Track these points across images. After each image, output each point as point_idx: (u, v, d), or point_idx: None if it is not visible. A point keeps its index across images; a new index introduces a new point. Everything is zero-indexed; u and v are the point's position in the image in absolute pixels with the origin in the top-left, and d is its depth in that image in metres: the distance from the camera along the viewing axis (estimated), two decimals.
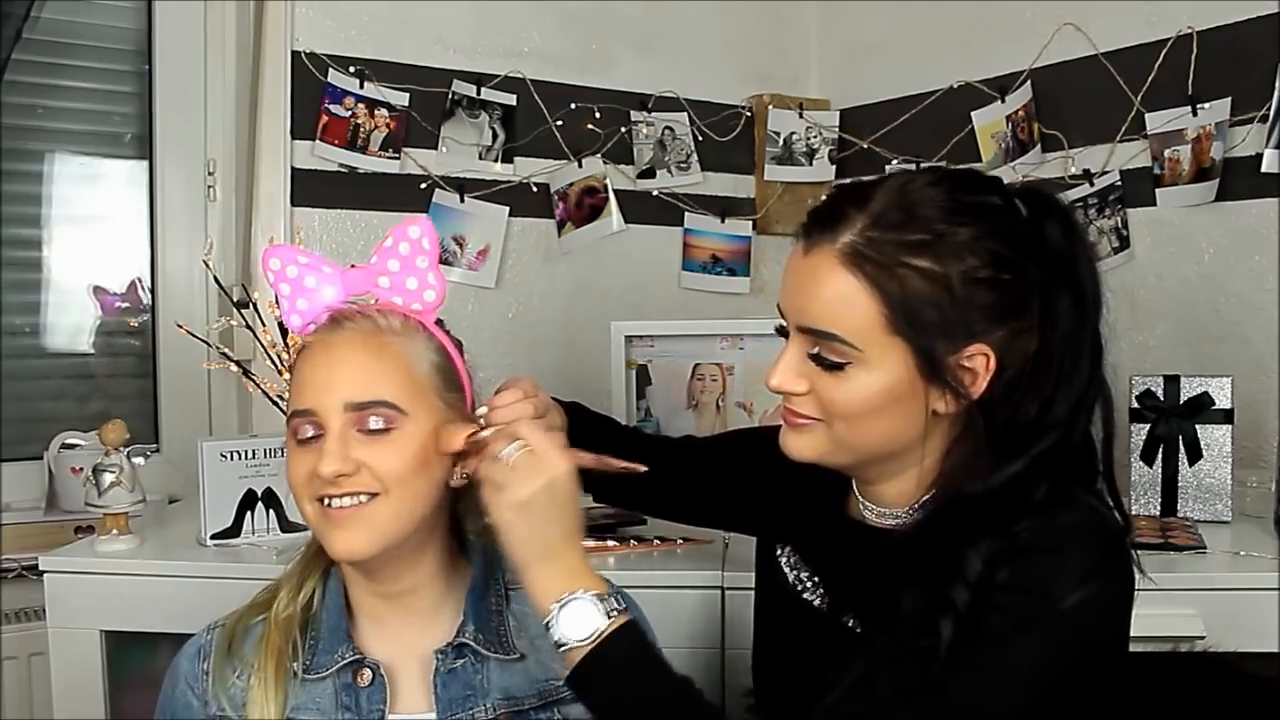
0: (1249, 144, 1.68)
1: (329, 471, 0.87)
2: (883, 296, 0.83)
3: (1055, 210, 0.88)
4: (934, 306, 0.83)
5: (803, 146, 2.31)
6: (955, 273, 0.83)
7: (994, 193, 0.88)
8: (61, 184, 1.95)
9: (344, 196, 1.96)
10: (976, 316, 0.84)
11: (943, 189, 0.86)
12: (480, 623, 0.97)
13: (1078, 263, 0.86)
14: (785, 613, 1.01)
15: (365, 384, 0.90)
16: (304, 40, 1.92)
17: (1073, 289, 0.86)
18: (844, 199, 0.88)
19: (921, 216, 0.84)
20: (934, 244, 0.83)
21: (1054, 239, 0.86)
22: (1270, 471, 1.56)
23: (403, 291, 0.95)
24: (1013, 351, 0.85)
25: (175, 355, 1.95)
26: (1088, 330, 0.86)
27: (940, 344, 0.84)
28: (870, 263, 0.84)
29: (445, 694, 0.94)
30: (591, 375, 1.87)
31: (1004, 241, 0.84)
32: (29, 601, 1.71)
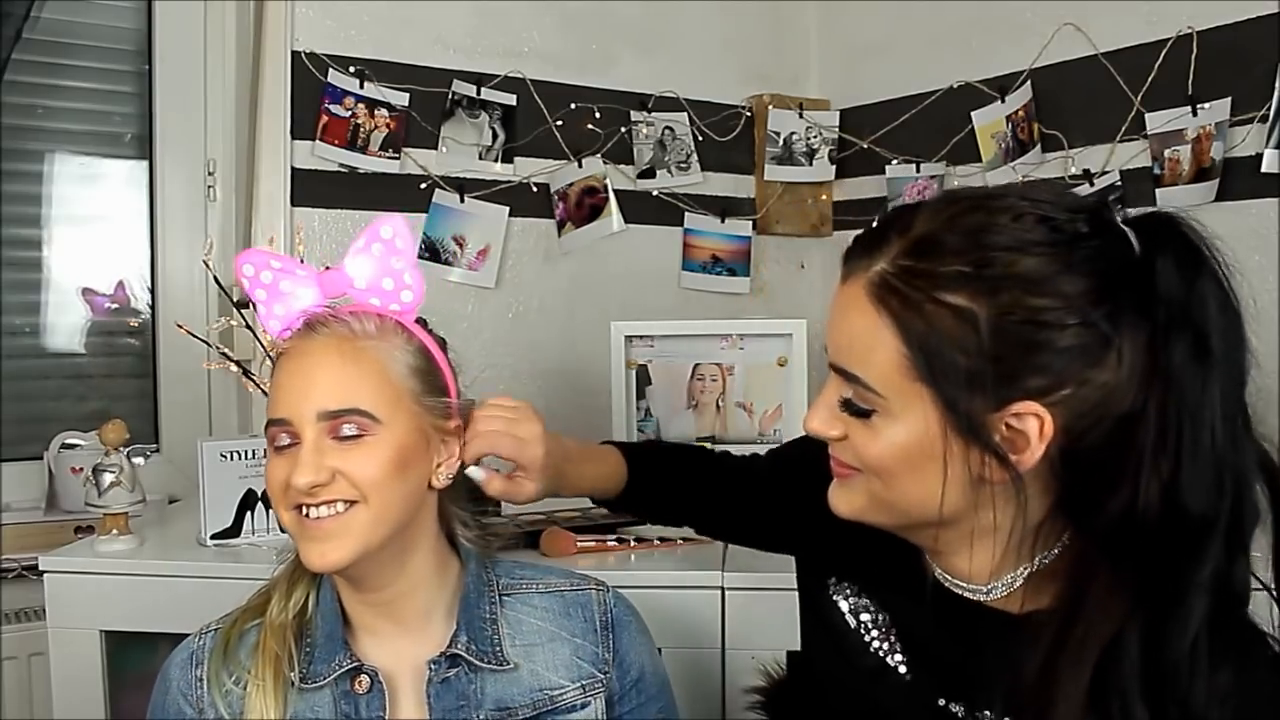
0: (1249, 144, 1.68)
1: (304, 483, 0.86)
2: (905, 336, 0.72)
3: (1174, 242, 0.74)
4: (962, 351, 0.70)
5: (803, 146, 2.31)
6: (992, 312, 0.70)
7: (1081, 216, 0.73)
8: (61, 184, 1.95)
9: (344, 196, 1.96)
10: (1023, 368, 0.70)
11: (1000, 211, 0.73)
12: (473, 633, 0.96)
13: (1202, 305, 0.72)
14: (847, 659, 0.90)
15: (339, 392, 0.89)
16: (304, 40, 1.92)
17: (1190, 337, 0.71)
18: (890, 221, 0.77)
19: (964, 243, 0.72)
20: (972, 277, 0.70)
21: (1167, 277, 0.71)
22: None
23: (379, 292, 0.93)
24: (1088, 417, 0.71)
25: (175, 355, 1.95)
26: (1214, 390, 0.71)
27: (972, 397, 0.71)
28: (897, 296, 0.73)
29: (439, 704, 0.93)
30: (591, 375, 1.88)
31: (1082, 277, 0.70)
32: (29, 601, 1.71)
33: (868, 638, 0.89)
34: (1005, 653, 0.76)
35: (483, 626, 0.96)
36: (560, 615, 1.00)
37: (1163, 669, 0.69)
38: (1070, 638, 0.71)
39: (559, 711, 0.95)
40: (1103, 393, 0.71)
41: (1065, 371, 0.70)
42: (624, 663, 1.01)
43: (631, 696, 1.01)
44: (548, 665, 0.97)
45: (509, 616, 0.98)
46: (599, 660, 0.99)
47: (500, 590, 1.00)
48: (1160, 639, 0.69)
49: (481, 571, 1.00)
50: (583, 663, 0.98)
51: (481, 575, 1.00)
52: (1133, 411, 0.71)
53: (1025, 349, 0.70)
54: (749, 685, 1.08)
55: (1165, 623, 0.69)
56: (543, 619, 1.00)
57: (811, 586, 0.98)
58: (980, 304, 0.70)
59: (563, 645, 0.99)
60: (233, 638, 0.95)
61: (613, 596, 1.03)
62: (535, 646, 0.97)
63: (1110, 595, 0.71)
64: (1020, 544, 0.77)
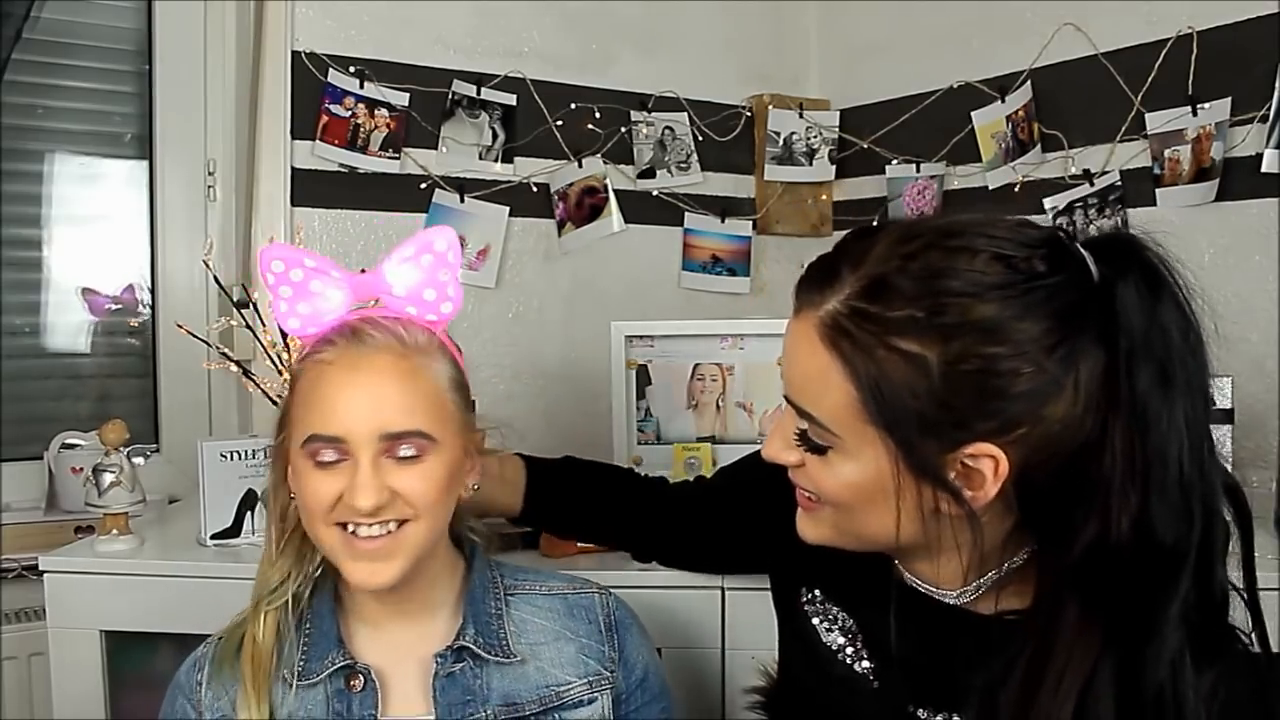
0: (1249, 144, 1.68)
1: (368, 506, 0.85)
2: (856, 379, 0.71)
3: (1134, 267, 0.71)
4: (914, 396, 0.70)
5: (803, 146, 2.31)
6: (945, 359, 0.69)
7: (1040, 251, 0.71)
8: (61, 184, 1.95)
9: (344, 196, 1.96)
10: (977, 413, 0.70)
11: (955, 251, 0.70)
12: (480, 626, 0.96)
13: (1165, 332, 0.70)
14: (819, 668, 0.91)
15: (400, 413, 0.87)
16: (304, 40, 1.92)
17: (1154, 365, 0.69)
18: (841, 253, 0.76)
19: (917, 287, 0.70)
20: (925, 323, 0.69)
21: (1128, 305, 0.70)
22: (1270, 471, 1.56)
23: (418, 302, 0.93)
24: (1044, 451, 0.70)
25: (175, 355, 1.95)
26: (1179, 417, 0.68)
27: (925, 440, 0.71)
28: (848, 339, 0.72)
29: (444, 698, 0.93)
30: (591, 375, 1.87)
31: (1039, 320, 0.68)
32: (29, 601, 1.71)
33: (834, 646, 0.90)
34: (975, 654, 0.76)
35: (489, 620, 0.97)
36: (564, 616, 1.01)
37: (1143, 697, 0.69)
38: (1046, 673, 0.71)
39: (566, 707, 0.96)
40: (1060, 426, 0.70)
41: (1020, 413, 0.70)
42: (629, 662, 1.01)
43: (636, 696, 1.01)
44: (554, 662, 0.97)
45: (513, 615, 0.99)
46: (604, 659, 1.00)
47: (505, 589, 1.01)
48: (1137, 670, 0.70)
49: (486, 569, 1.01)
50: (589, 660, 0.99)
51: (486, 572, 1.01)
52: (1090, 441, 0.70)
53: (979, 395, 0.69)
54: (749, 685, 1.08)
55: (1141, 654, 0.69)
56: (547, 619, 1.00)
57: (784, 597, 0.99)
58: (933, 350, 0.69)
59: (568, 644, 0.99)
60: (233, 640, 0.96)
61: (614, 600, 1.04)
62: (541, 645, 0.98)
63: (1084, 628, 0.71)
64: (986, 555, 0.77)
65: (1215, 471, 0.70)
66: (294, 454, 0.90)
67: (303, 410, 0.89)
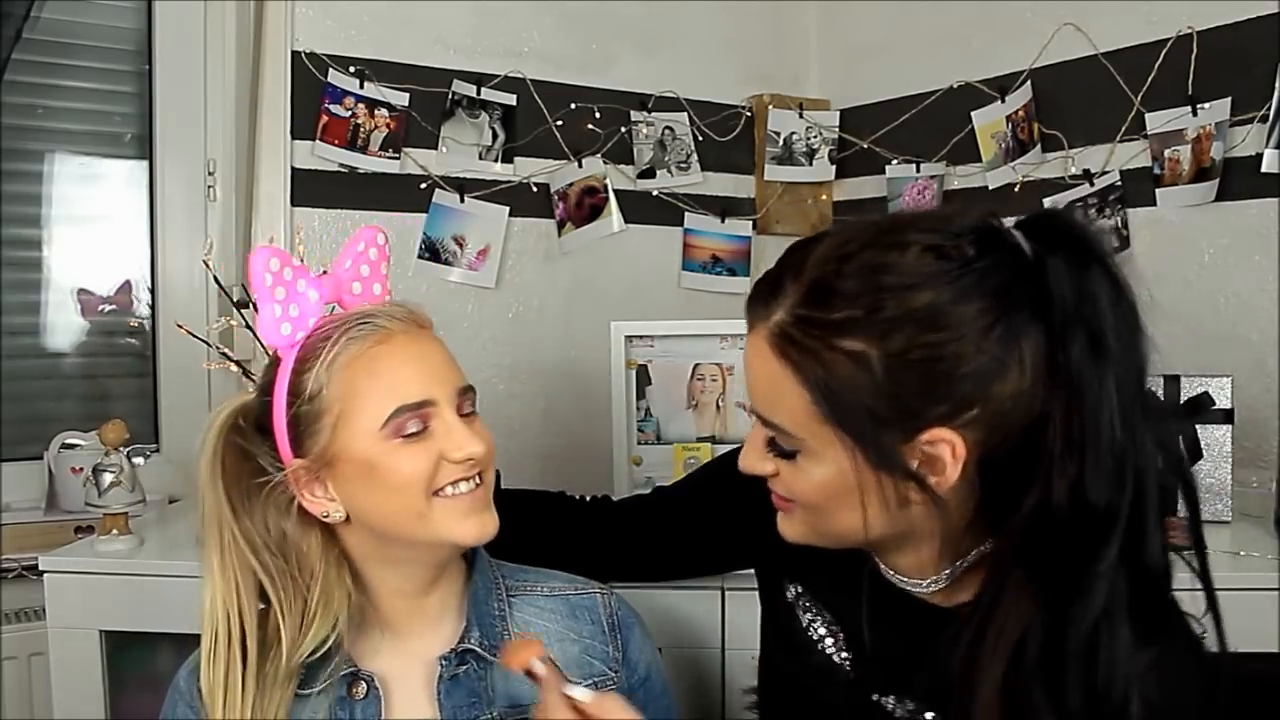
0: (1249, 144, 1.68)
1: (480, 450, 0.89)
2: (808, 384, 0.74)
3: (1063, 241, 0.73)
4: (864, 393, 0.72)
5: (803, 146, 2.31)
6: (888, 354, 0.71)
7: (969, 237, 0.73)
8: (61, 184, 1.95)
9: (344, 196, 1.96)
10: (927, 400, 0.72)
11: (887, 248, 0.73)
12: (484, 628, 0.96)
13: (1094, 302, 0.71)
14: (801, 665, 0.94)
15: (458, 371, 0.93)
16: (304, 40, 1.92)
17: (1085, 335, 0.70)
18: (783, 267, 0.79)
19: (855, 287, 0.72)
20: (865, 321, 0.71)
21: (1058, 278, 0.71)
22: (1270, 471, 1.56)
23: (370, 297, 0.97)
24: (999, 430, 0.73)
25: (175, 355, 1.95)
26: (1110, 385, 0.70)
27: (881, 434, 0.73)
28: (796, 346, 0.74)
29: (449, 701, 0.93)
30: (591, 375, 1.88)
31: (975, 301, 0.71)
32: (29, 601, 1.71)
33: (816, 637, 0.93)
34: (930, 644, 0.79)
35: (493, 622, 0.97)
36: (567, 617, 1.01)
37: (1064, 657, 0.72)
38: (987, 632, 0.74)
39: None
40: (1011, 403, 0.72)
41: (970, 395, 0.72)
42: (632, 662, 1.02)
43: (639, 695, 1.01)
44: (559, 663, 0.97)
45: (516, 617, 0.99)
46: (609, 659, 1.00)
47: (508, 590, 1.01)
48: (1062, 628, 0.72)
49: (488, 570, 1.01)
50: (593, 660, 0.99)
51: (488, 574, 1.01)
52: (1041, 413, 0.72)
53: (926, 383, 0.72)
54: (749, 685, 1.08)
55: (1067, 613, 0.72)
56: (550, 620, 1.00)
57: (768, 590, 1.01)
58: (876, 346, 0.71)
59: (572, 645, 0.99)
60: None
61: (617, 599, 1.05)
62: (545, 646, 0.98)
63: (1021, 590, 0.74)
64: (955, 542, 0.80)
65: (1148, 437, 0.72)
66: (362, 449, 0.88)
67: (363, 400, 0.88)
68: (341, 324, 0.91)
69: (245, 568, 0.90)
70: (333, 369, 0.89)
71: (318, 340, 0.91)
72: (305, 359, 0.90)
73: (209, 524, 0.92)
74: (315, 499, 0.91)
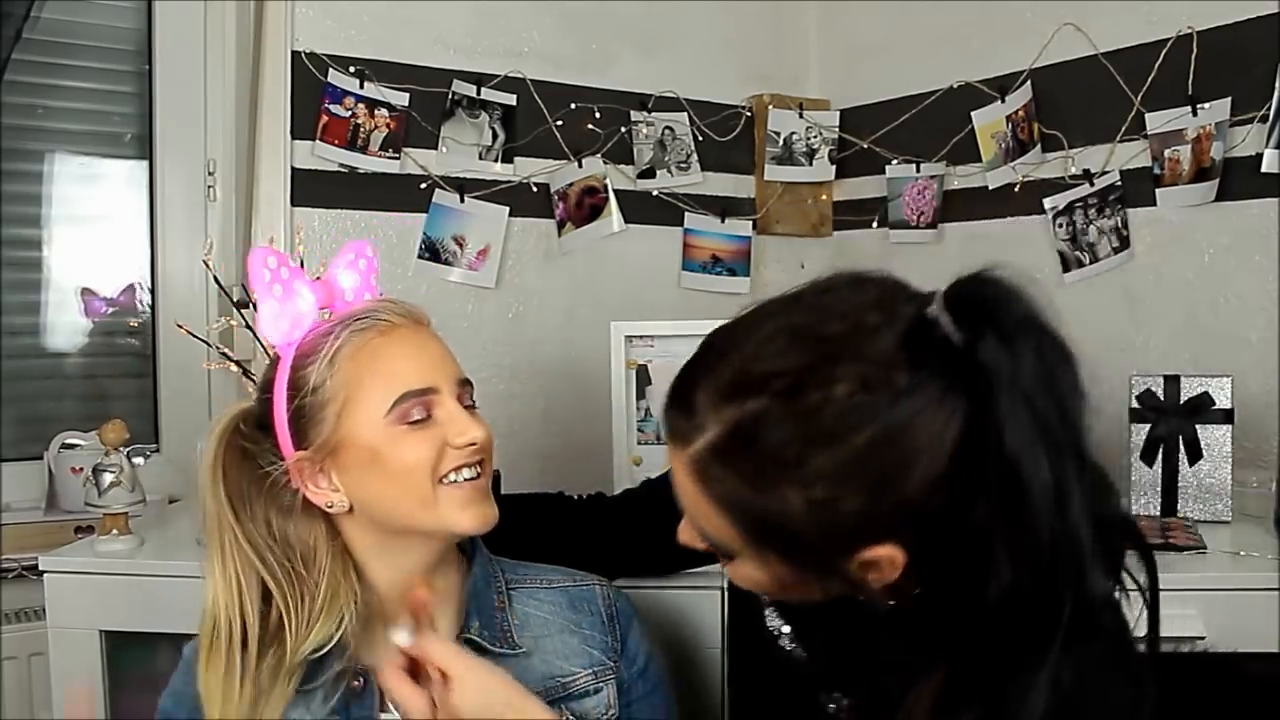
0: (1249, 144, 1.68)
1: (482, 435, 0.92)
2: (734, 519, 0.72)
3: (988, 323, 0.67)
4: (794, 530, 0.69)
5: (803, 146, 2.31)
6: (815, 499, 0.68)
7: (900, 358, 0.67)
8: (61, 184, 1.95)
9: (344, 196, 1.96)
10: (858, 531, 0.69)
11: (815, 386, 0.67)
12: (484, 619, 0.97)
13: (1024, 388, 0.66)
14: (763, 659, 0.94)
15: (456, 363, 0.96)
16: (304, 40, 1.92)
17: (1018, 425, 0.65)
18: (700, 375, 0.73)
19: (777, 437, 0.68)
20: (790, 470, 0.68)
21: (986, 366, 0.66)
22: (1270, 471, 1.56)
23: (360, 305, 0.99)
24: (940, 530, 0.69)
25: (175, 355, 1.95)
26: (1042, 474, 0.65)
27: (814, 560, 0.71)
28: (719, 484, 0.71)
29: None
30: (591, 375, 1.87)
31: (910, 432, 0.66)
32: (29, 601, 1.71)
33: (777, 631, 0.93)
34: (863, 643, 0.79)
35: (493, 614, 0.98)
36: (566, 609, 1.02)
37: None
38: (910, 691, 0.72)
39: (572, 698, 0.97)
40: (947, 505, 0.68)
41: (905, 516, 0.68)
42: (630, 653, 1.03)
43: (638, 686, 1.03)
44: (559, 654, 0.99)
45: (516, 609, 1.00)
46: (608, 649, 1.01)
47: (507, 583, 1.02)
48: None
49: (487, 563, 1.01)
50: (593, 651, 1.00)
51: (487, 567, 1.01)
52: (972, 502, 0.67)
53: (859, 517, 0.69)
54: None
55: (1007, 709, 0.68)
56: (550, 613, 1.01)
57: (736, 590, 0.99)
58: (806, 492, 0.68)
59: (571, 636, 1.00)
60: None
61: (614, 592, 1.06)
62: (545, 637, 0.99)
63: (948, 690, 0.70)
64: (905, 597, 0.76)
65: (1084, 530, 0.67)
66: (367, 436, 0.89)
67: (367, 388, 0.90)
68: (343, 320, 0.93)
69: (248, 568, 0.90)
70: (336, 361, 0.90)
71: (319, 337, 0.93)
72: (306, 355, 0.92)
73: (210, 528, 0.93)
74: (319, 490, 0.92)
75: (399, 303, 0.96)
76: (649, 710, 1.03)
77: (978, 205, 2.07)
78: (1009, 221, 2.02)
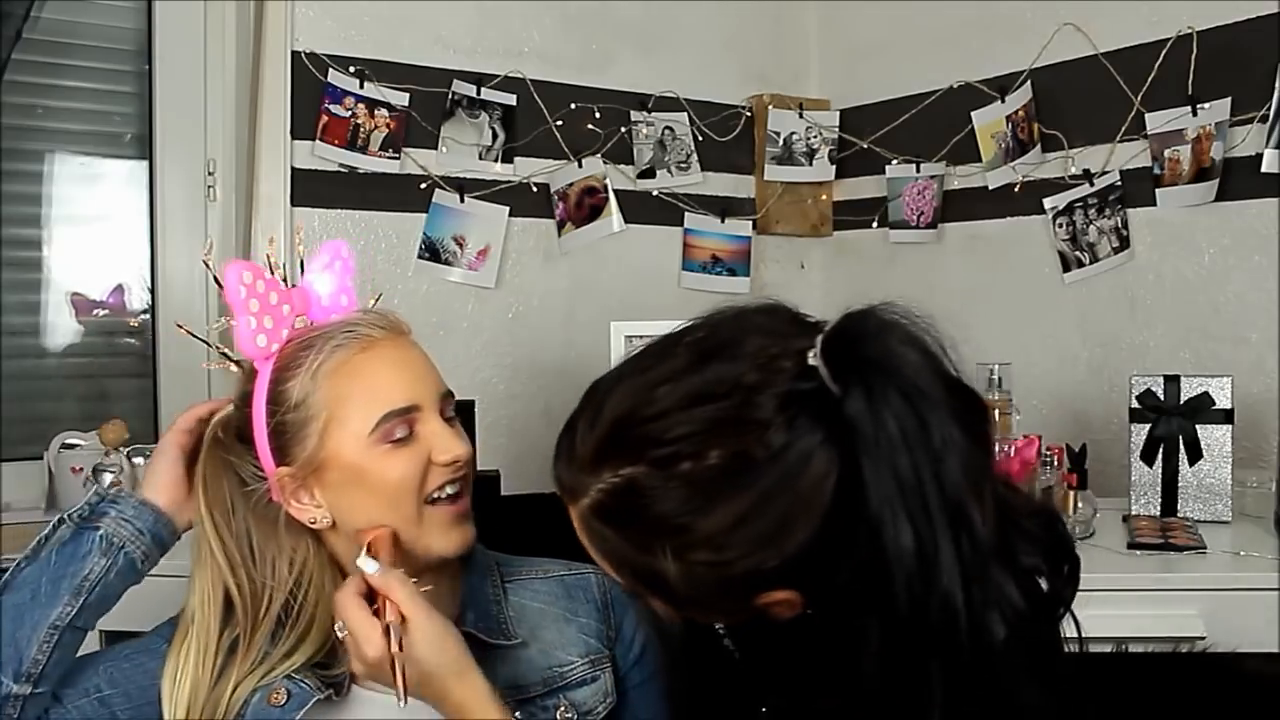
0: (1249, 144, 1.68)
1: (465, 451, 0.91)
2: (629, 577, 0.73)
3: (855, 371, 0.64)
4: (682, 588, 0.69)
5: (803, 146, 2.31)
6: (692, 566, 0.68)
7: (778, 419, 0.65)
8: (61, 184, 1.95)
9: (344, 196, 1.96)
10: (746, 588, 0.69)
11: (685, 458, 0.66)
12: (480, 611, 0.97)
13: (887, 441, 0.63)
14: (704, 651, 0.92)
15: (439, 376, 0.94)
16: (304, 40, 1.92)
17: (892, 477, 0.63)
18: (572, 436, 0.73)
19: (652, 511, 0.67)
20: (668, 542, 0.68)
21: (854, 415, 0.63)
22: (1270, 471, 1.56)
23: (337, 308, 0.98)
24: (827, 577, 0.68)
25: (175, 355, 1.95)
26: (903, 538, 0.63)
27: (710, 610, 0.73)
28: (605, 543, 0.72)
29: None
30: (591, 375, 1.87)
31: (788, 494, 0.65)
32: None
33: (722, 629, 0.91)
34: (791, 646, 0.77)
35: (489, 606, 0.98)
36: (562, 598, 1.02)
37: None
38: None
39: (570, 687, 0.97)
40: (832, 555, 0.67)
41: (793, 568, 0.67)
42: (626, 639, 1.03)
43: (635, 673, 1.03)
44: (555, 644, 0.99)
45: (512, 602, 1.00)
46: (603, 636, 1.01)
47: (503, 576, 1.02)
48: None
49: (483, 556, 1.02)
50: (589, 639, 1.00)
51: (483, 560, 1.02)
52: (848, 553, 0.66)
53: (747, 578, 0.68)
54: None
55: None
56: (546, 603, 1.02)
57: None
58: (683, 561, 0.68)
59: (568, 625, 1.01)
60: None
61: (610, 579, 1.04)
62: (541, 627, 1.00)
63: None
64: None
65: (957, 594, 0.64)
66: (350, 455, 0.89)
67: (350, 407, 0.89)
68: (323, 332, 0.92)
69: (218, 582, 0.93)
70: (318, 376, 0.90)
71: (298, 349, 0.92)
72: (285, 368, 0.91)
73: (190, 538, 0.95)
74: (302, 506, 0.92)
75: (379, 314, 0.95)
76: (646, 697, 1.03)
77: (978, 205, 2.07)
78: (1009, 221, 2.03)
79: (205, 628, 0.93)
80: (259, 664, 0.92)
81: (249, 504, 0.94)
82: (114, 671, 0.95)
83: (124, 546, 0.93)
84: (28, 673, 0.88)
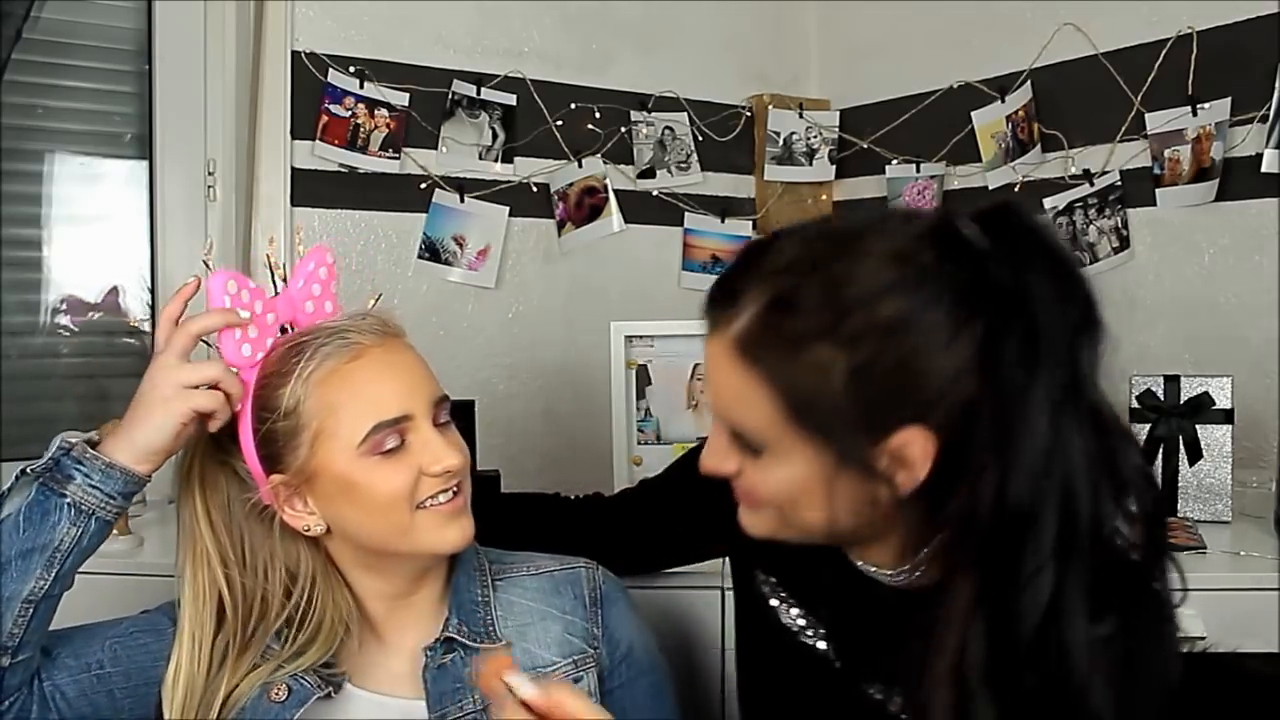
0: (1249, 144, 1.68)
1: (458, 460, 0.90)
2: (775, 392, 0.74)
3: (1007, 235, 0.72)
4: (833, 400, 0.72)
5: (803, 146, 2.31)
6: (856, 363, 0.71)
7: (928, 240, 0.73)
8: (61, 184, 1.95)
9: (344, 196, 1.97)
10: (896, 405, 0.72)
11: (848, 258, 0.73)
12: (464, 615, 0.97)
13: (1030, 300, 0.70)
14: (782, 654, 0.94)
15: (433, 381, 0.93)
16: (304, 40, 1.92)
17: (1020, 334, 0.70)
18: (743, 269, 0.77)
19: (820, 298, 0.72)
20: (832, 332, 0.71)
21: (999, 274, 0.71)
22: (1270, 471, 1.56)
23: (321, 315, 0.97)
24: (958, 423, 0.72)
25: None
26: (1039, 388, 0.69)
27: (850, 438, 0.73)
28: (761, 355, 0.74)
29: (435, 688, 0.94)
30: (591, 375, 1.88)
31: (938, 308, 0.70)
32: None
33: (795, 627, 0.92)
34: (901, 631, 0.79)
35: (474, 609, 0.98)
36: (550, 594, 1.02)
37: (1014, 648, 0.71)
38: (935, 626, 0.74)
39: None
40: (963, 399, 0.72)
41: (936, 396, 0.71)
42: (613, 637, 1.02)
43: (621, 671, 1.02)
44: (539, 643, 0.99)
45: (501, 600, 1.00)
46: (589, 635, 1.01)
47: (492, 575, 1.02)
48: (1008, 622, 0.71)
49: (474, 556, 1.02)
50: (573, 639, 1.00)
51: (474, 560, 1.02)
52: (973, 409, 0.71)
53: (894, 390, 0.71)
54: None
55: (1012, 608, 0.71)
56: (534, 599, 1.01)
57: (739, 577, 1.02)
58: (843, 356, 0.71)
59: (554, 623, 1.00)
60: None
61: (601, 574, 1.05)
62: (527, 626, 0.99)
63: (965, 584, 0.73)
64: (917, 532, 0.79)
65: (1077, 446, 0.71)
66: (340, 466, 0.89)
67: (339, 417, 0.88)
68: (312, 337, 0.91)
69: (211, 582, 0.93)
70: (309, 384, 0.89)
71: (286, 355, 0.91)
72: (273, 374, 0.91)
73: (184, 537, 0.94)
74: (296, 513, 0.92)
75: (370, 317, 0.93)
76: (635, 696, 1.02)
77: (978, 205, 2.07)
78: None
79: (200, 624, 0.92)
80: (263, 662, 0.92)
81: (245, 506, 0.94)
82: (118, 648, 0.95)
83: (94, 513, 0.91)
84: (5, 645, 0.86)
